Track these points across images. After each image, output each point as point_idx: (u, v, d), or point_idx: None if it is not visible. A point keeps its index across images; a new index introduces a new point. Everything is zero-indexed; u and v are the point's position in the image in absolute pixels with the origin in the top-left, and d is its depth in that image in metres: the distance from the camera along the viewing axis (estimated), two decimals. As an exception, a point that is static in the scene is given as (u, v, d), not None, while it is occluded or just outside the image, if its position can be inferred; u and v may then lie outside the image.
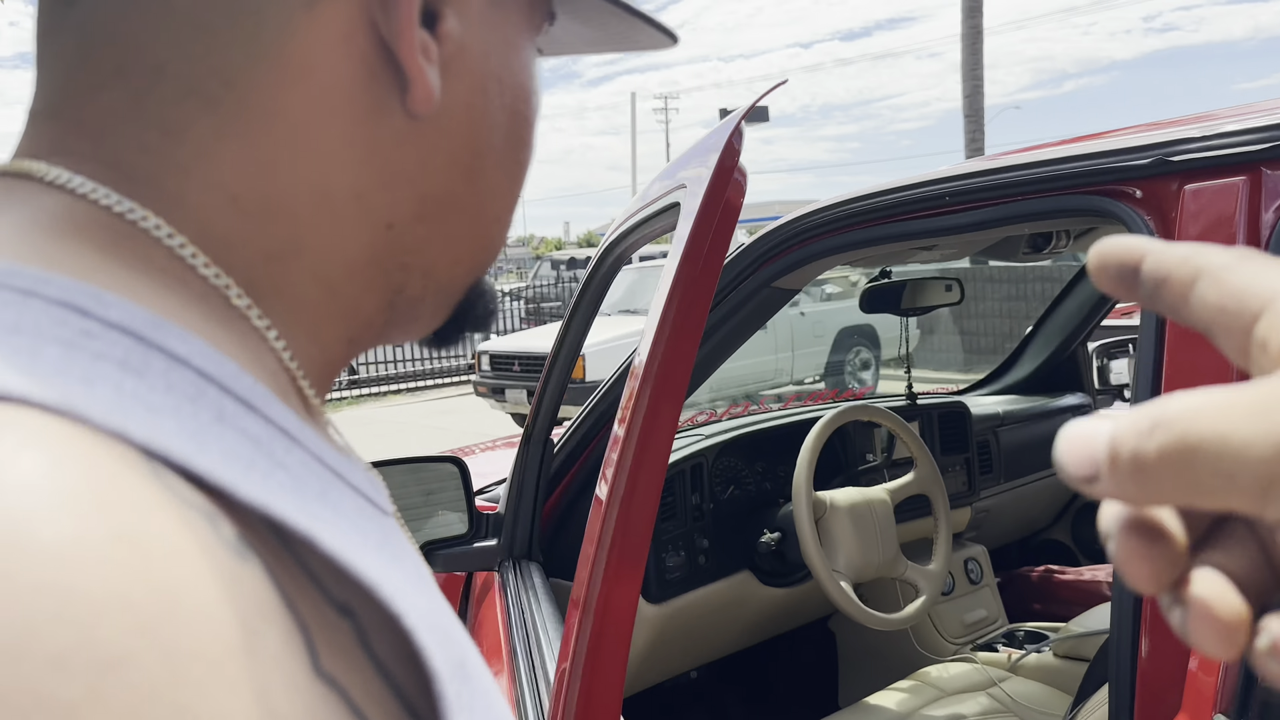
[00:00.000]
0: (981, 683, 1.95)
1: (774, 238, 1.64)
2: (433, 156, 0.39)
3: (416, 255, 0.40)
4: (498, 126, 0.41)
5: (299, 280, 0.37)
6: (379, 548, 0.33)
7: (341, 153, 0.36)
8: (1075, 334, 2.79)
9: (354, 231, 0.38)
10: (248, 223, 0.35)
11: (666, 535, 1.89)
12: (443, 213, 0.40)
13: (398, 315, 0.42)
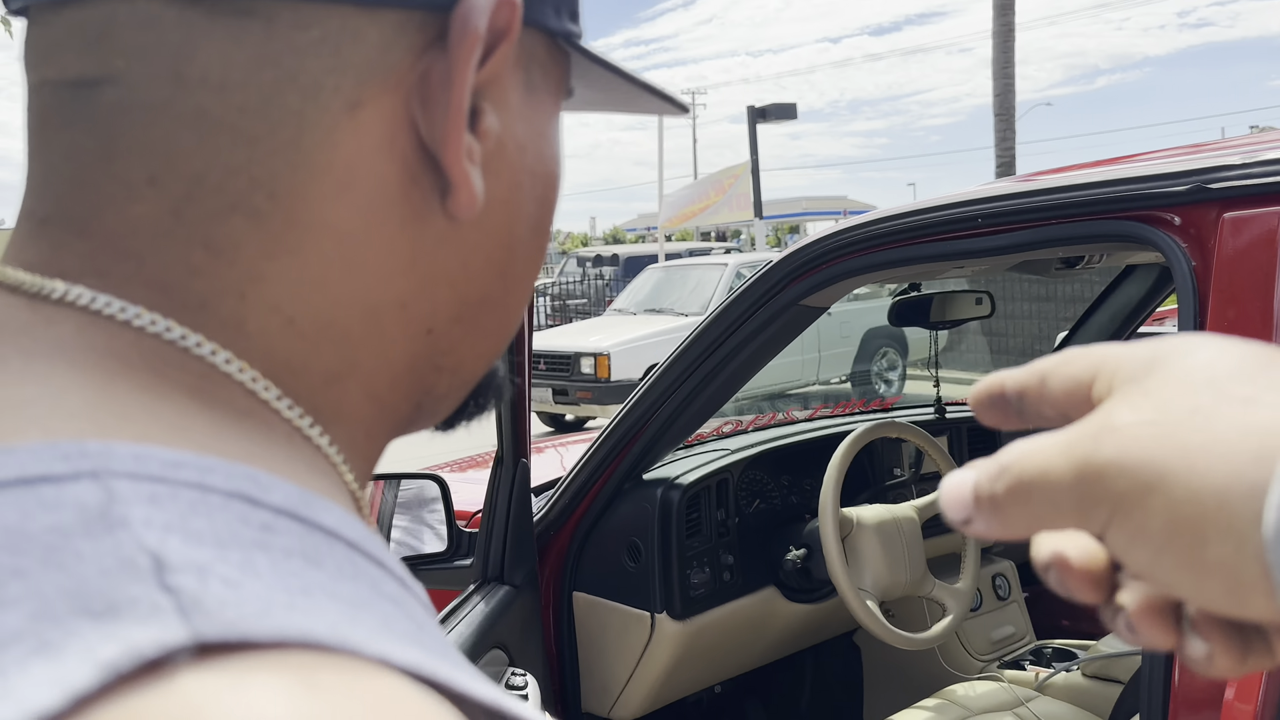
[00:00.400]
0: (1008, 702, 1.93)
1: (803, 255, 1.63)
2: (473, 258, 0.38)
3: (449, 356, 0.39)
4: (528, 219, 0.40)
5: (355, 400, 0.36)
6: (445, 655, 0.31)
7: (387, 263, 0.35)
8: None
9: (399, 342, 0.37)
10: (306, 346, 0.34)
11: (691, 552, 1.89)
12: (478, 312, 0.39)
13: (422, 414, 0.41)
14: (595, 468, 1.91)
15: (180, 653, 0.22)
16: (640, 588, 1.87)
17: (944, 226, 1.46)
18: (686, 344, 1.81)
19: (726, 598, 1.94)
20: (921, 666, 2.26)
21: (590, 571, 1.95)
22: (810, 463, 2.16)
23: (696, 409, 1.86)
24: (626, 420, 1.88)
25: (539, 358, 9.20)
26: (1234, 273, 1.15)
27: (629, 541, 1.90)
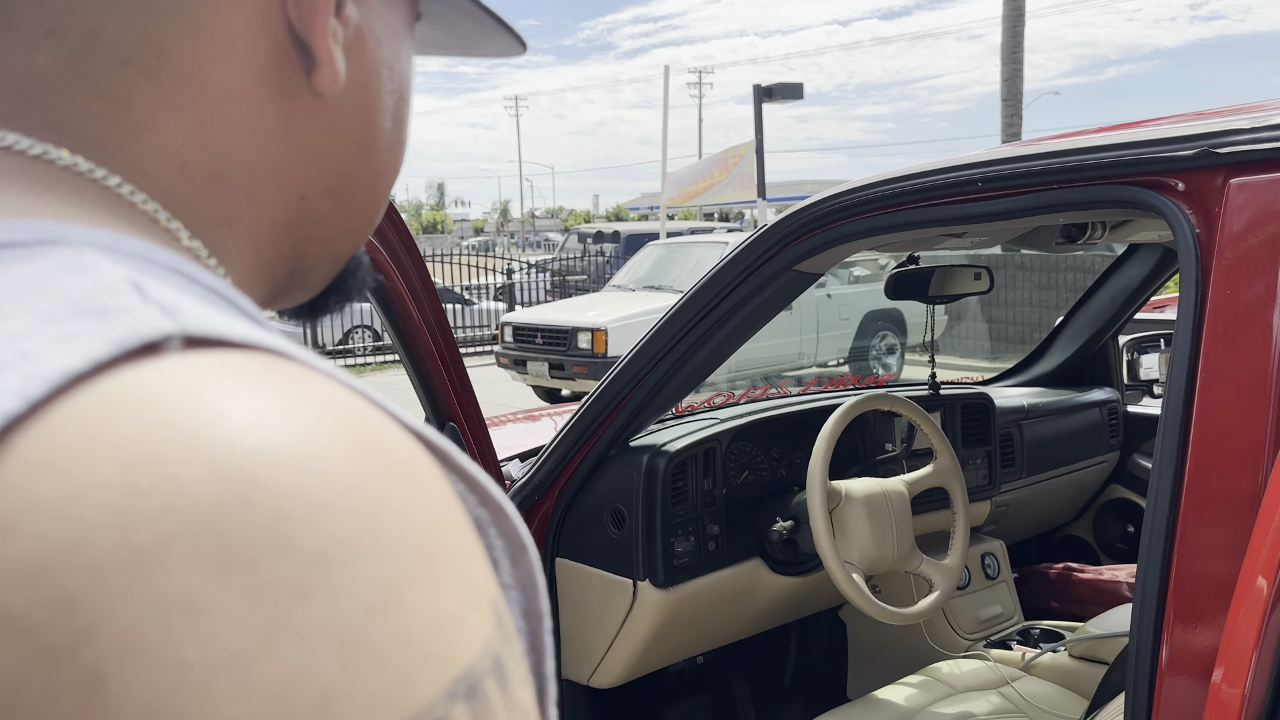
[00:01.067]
0: (993, 681, 1.91)
1: (798, 219, 1.59)
2: (337, 133, 0.43)
3: (320, 227, 0.44)
4: (388, 109, 0.45)
5: (241, 246, 0.41)
6: None
7: (262, 126, 0.40)
8: (1107, 327, 2.72)
9: (276, 203, 0.42)
10: (197, 190, 0.39)
11: (676, 520, 1.86)
12: (344, 188, 0.44)
13: (294, 282, 0.46)
14: (581, 433, 1.88)
15: (172, 340, 0.27)
16: (623, 555, 1.84)
17: (942, 190, 1.42)
18: (677, 309, 1.77)
19: (711, 567, 1.91)
20: (907, 644, 2.24)
21: (573, 538, 1.92)
22: (801, 436, 2.12)
23: (685, 375, 1.82)
24: (614, 385, 1.85)
25: (536, 332, 9.17)
26: (1239, 240, 1.12)
27: (613, 508, 1.87)
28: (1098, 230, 1.89)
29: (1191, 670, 1.05)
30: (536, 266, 15.09)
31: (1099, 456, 2.71)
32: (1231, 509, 1.02)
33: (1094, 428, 2.70)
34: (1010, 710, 1.83)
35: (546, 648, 0.34)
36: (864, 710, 1.80)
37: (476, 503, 0.32)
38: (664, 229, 13.69)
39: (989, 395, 2.46)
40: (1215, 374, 1.06)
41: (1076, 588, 2.41)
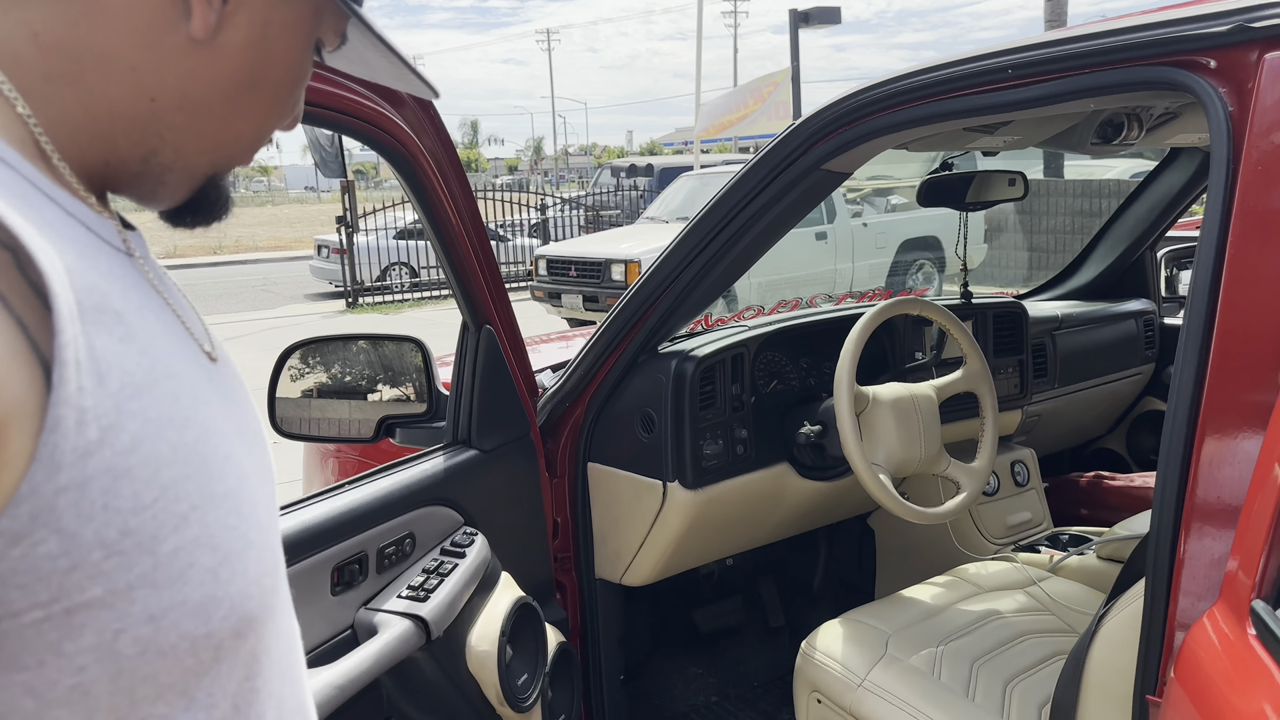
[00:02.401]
0: (1020, 581, 1.93)
1: (826, 116, 1.58)
2: (200, 71, 0.56)
3: (172, 132, 0.56)
4: (256, 82, 0.58)
5: (67, 101, 0.53)
6: (75, 251, 0.47)
7: (130, 37, 0.53)
8: (1144, 237, 2.68)
9: (121, 90, 0.54)
10: (35, 52, 0.51)
11: (704, 423, 1.88)
12: (198, 112, 0.57)
13: (149, 170, 0.57)
14: (610, 341, 1.90)
15: None
16: (653, 457, 1.87)
17: (973, 79, 1.40)
18: (704, 213, 1.77)
19: (739, 470, 1.94)
20: (935, 548, 2.26)
21: (604, 443, 1.95)
22: (830, 345, 2.13)
23: (713, 280, 1.83)
24: (642, 291, 1.86)
25: (569, 264, 9.17)
26: (1274, 118, 1.10)
27: (643, 413, 1.89)
28: (1134, 129, 1.85)
29: (1209, 553, 1.06)
30: (570, 202, 15.03)
31: (1134, 368, 2.69)
32: (1251, 409, 1.02)
33: (1129, 339, 2.68)
34: (1037, 608, 1.85)
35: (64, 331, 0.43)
36: (890, 607, 1.83)
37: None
38: (698, 161, 13.55)
39: (1022, 305, 2.44)
40: (1238, 280, 1.05)
41: (1107, 495, 2.42)
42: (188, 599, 0.48)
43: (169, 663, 0.47)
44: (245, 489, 0.53)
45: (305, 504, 1.45)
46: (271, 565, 0.55)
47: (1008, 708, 1.59)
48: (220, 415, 0.54)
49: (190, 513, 0.48)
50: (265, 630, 0.54)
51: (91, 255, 0.49)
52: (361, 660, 1.33)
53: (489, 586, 1.63)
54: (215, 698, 0.51)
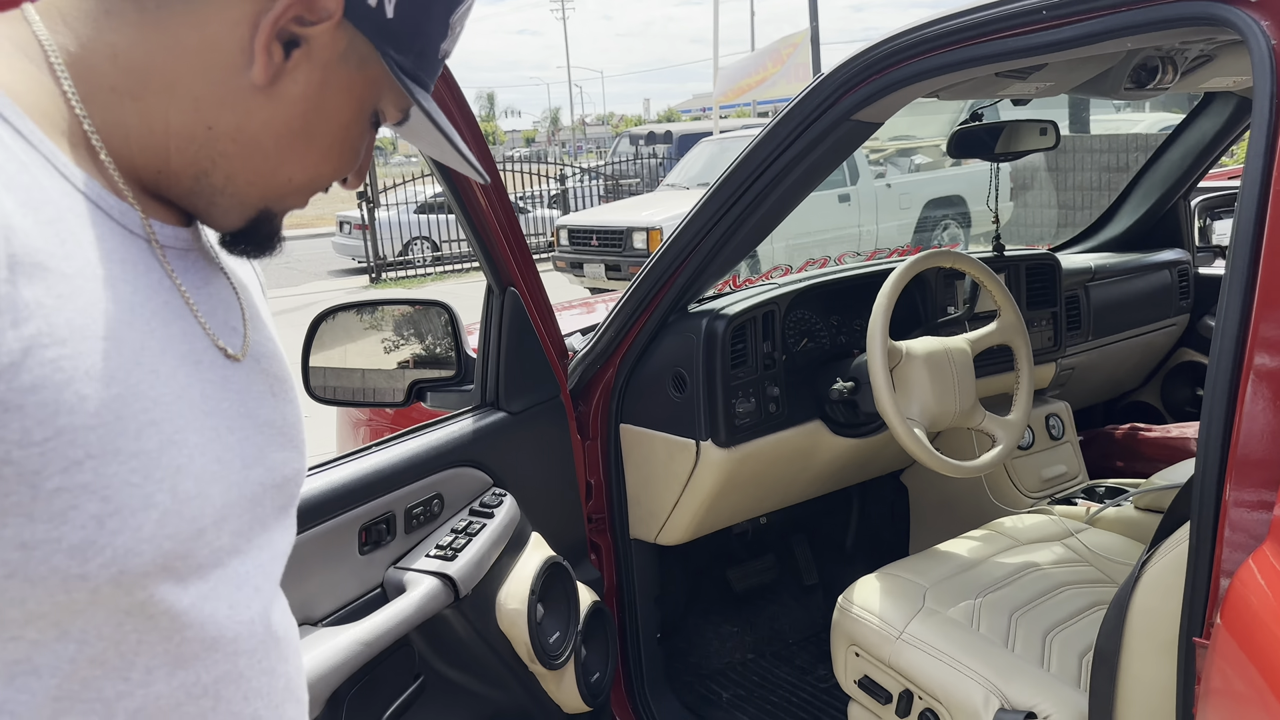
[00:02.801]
0: (1057, 533, 1.92)
1: (855, 65, 1.56)
2: (257, 112, 0.62)
3: (224, 159, 0.63)
4: (309, 132, 0.65)
5: (127, 111, 0.61)
6: (45, 219, 0.53)
7: (199, 73, 0.60)
8: (1178, 185, 2.63)
9: (181, 114, 0.61)
10: (111, 68, 0.60)
11: (736, 381, 1.87)
12: (250, 147, 0.63)
13: (201, 188, 0.64)
14: (640, 301, 1.89)
15: None
16: (685, 417, 1.87)
17: (1006, 22, 1.37)
18: (732, 168, 1.75)
19: (771, 428, 1.93)
20: (969, 504, 2.25)
21: (636, 403, 1.95)
22: (860, 302, 2.11)
23: (743, 236, 1.81)
24: (671, 251, 1.85)
25: (591, 234, 9.15)
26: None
27: (674, 372, 1.89)
28: (1168, 73, 1.81)
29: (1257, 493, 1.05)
30: (589, 172, 14.97)
31: (1168, 319, 2.66)
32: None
33: (1163, 290, 2.64)
34: (1074, 560, 1.84)
35: None
36: (926, 561, 1.83)
37: None
38: (717, 126, 13.45)
39: (1055, 257, 2.41)
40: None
41: (1143, 446, 2.39)
42: (64, 537, 0.51)
43: (38, 592, 0.51)
44: (170, 457, 0.56)
45: (331, 465, 1.46)
46: (188, 535, 0.57)
47: (1048, 657, 1.58)
48: (184, 396, 0.59)
49: (85, 460, 0.52)
50: (164, 591, 0.56)
51: (74, 224, 0.55)
52: (389, 618, 1.34)
53: (519, 546, 1.64)
54: (89, 635, 0.54)
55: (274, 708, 0.66)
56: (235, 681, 0.62)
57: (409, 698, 1.45)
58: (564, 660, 1.63)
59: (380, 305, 1.88)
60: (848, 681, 1.72)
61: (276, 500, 0.69)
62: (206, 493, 0.59)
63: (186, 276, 0.65)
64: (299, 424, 0.73)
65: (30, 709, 0.53)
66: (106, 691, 0.55)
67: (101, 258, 0.56)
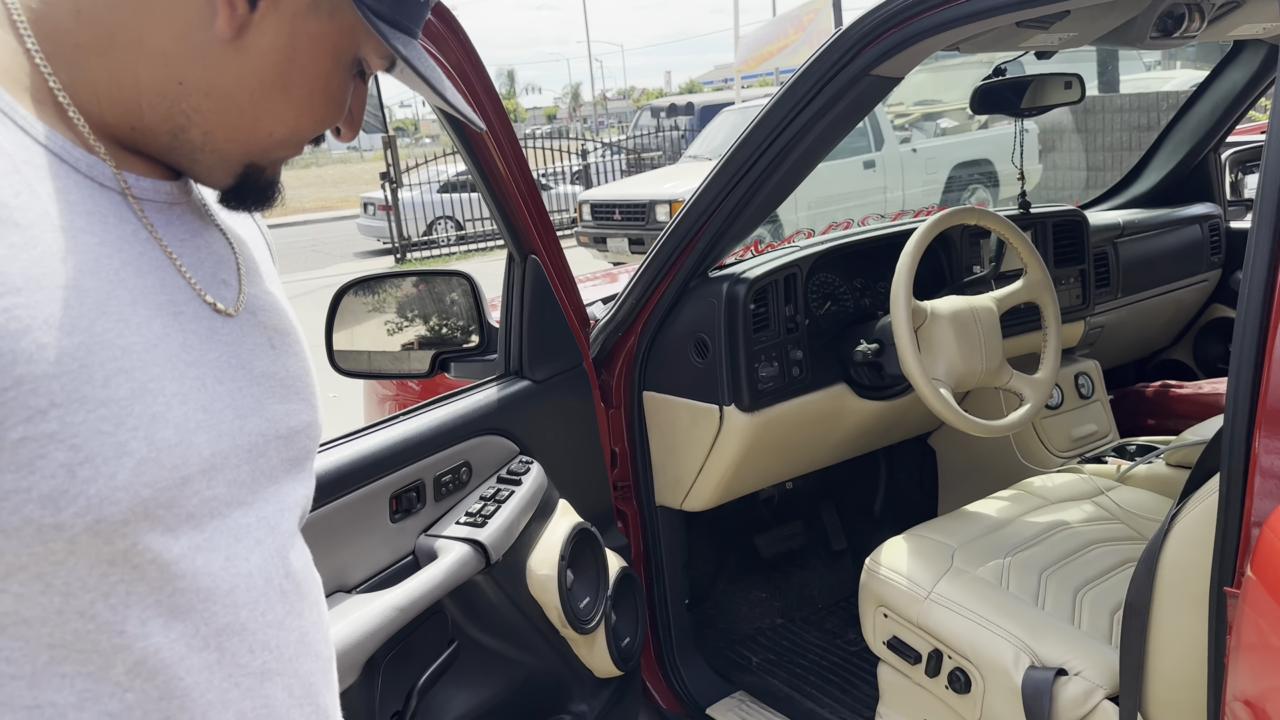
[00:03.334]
0: (1087, 491, 1.90)
1: (873, 19, 1.53)
2: (227, 66, 0.61)
3: (199, 115, 0.62)
4: (284, 85, 0.63)
5: (94, 67, 0.60)
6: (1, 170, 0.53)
7: (165, 27, 0.59)
8: (1208, 138, 2.58)
9: (150, 69, 0.60)
10: (74, 24, 0.59)
11: (759, 346, 1.86)
12: (224, 102, 0.62)
13: (179, 144, 0.64)
14: (660, 267, 1.88)
15: None
16: (708, 382, 1.86)
17: (1025, -31, 1.35)
18: (751, 128, 1.73)
19: (795, 392, 1.92)
20: (998, 465, 2.23)
21: (659, 370, 1.94)
22: (883, 264, 2.09)
23: (763, 198, 1.80)
24: (690, 215, 1.84)
25: (613, 207, 9.12)
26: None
27: (696, 338, 1.88)
28: (1195, 20, 1.77)
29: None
30: (611, 147, 14.90)
31: (1199, 275, 2.61)
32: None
33: (1194, 245, 2.60)
34: (1105, 518, 1.82)
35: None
36: (954, 521, 1.82)
37: None
38: (739, 95, 13.34)
39: (1082, 213, 2.37)
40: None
41: (1174, 403, 2.36)
42: (34, 487, 0.51)
43: (15, 544, 0.51)
44: (144, 405, 0.56)
45: (360, 434, 1.47)
46: (170, 483, 0.57)
47: (1078, 614, 1.57)
48: (161, 346, 0.58)
49: (49, 409, 0.51)
50: (150, 540, 0.56)
51: (31, 176, 0.55)
52: (421, 584, 1.36)
53: (547, 513, 1.65)
54: (73, 587, 0.54)
55: (285, 661, 0.66)
56: (238, 634, 0.62)
57: (444, 662, 1.46)
58: (595, 625, 1.64)
59: (403, 277, 1.89)
60: (876, 643, 1.72)
61: (284, 452, 0.68)
62: (190, 441, 0.59)
63: (169, 229, 0.64)
64: (306, 376, 0.72)
65: (25, 655, 0.53)
66: (102, 644, 0.55)
67: (62, 209, 0.56)
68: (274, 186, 0.69)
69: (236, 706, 0.62)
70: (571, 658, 1.68)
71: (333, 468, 1.37)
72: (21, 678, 0.53)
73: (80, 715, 0.55)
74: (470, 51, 1.52)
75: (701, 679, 2.06)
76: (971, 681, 1.53)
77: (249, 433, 0.64)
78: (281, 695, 0.65)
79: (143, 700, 0.57)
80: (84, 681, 0.55)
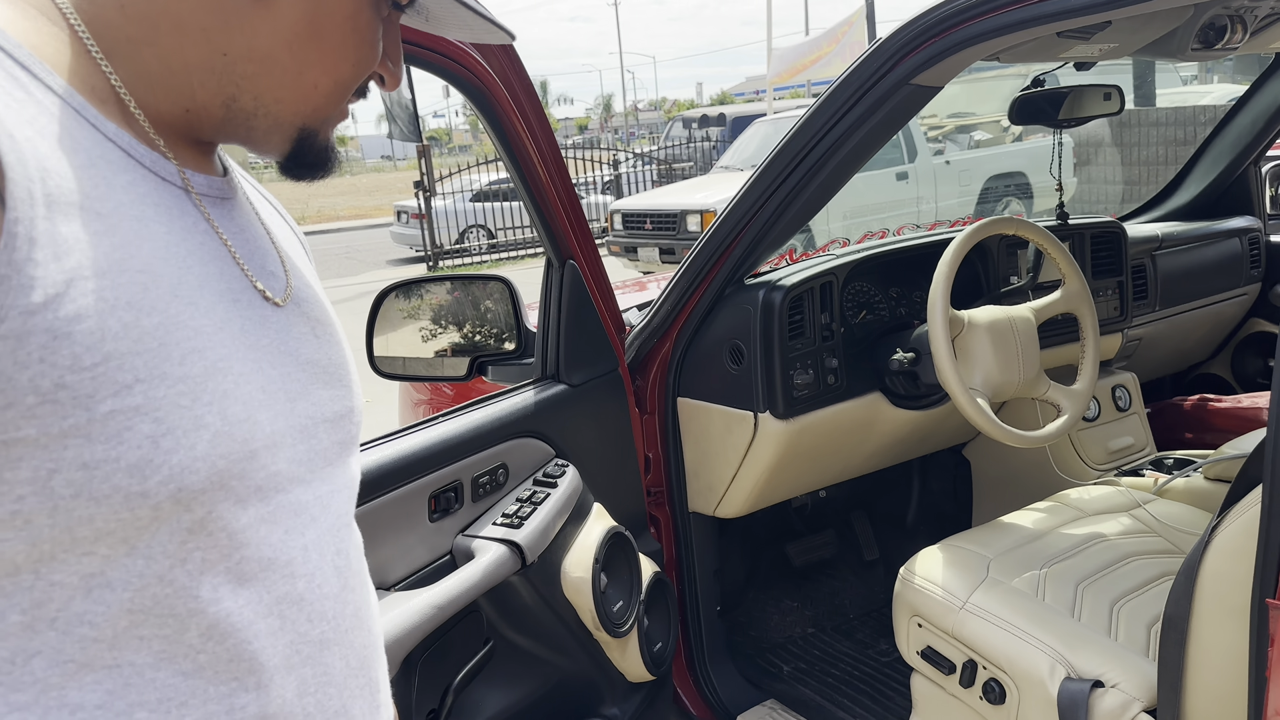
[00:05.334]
0: (1124, 504, 1.89)
1: (914, 27, 1.54)
2: (261, 26, 0.63)
3: (247, 80, 0.65)
4: (318, 33, 0.65)
5: (146, 58, 0.62)
6: (79, 162, 0.56)
7: (200, 4, 0.62)
8: (1248, 151, 2.56)
9: (195, 48, 0.63)
10: (122, 19, 0.61)
11: (794, 353, 1.87)
12: (267, 62, 0.65)
13: (233, 115, 0.66)
14: (696, 273, 1.89)
15: None
16: (743, 389, 1.87)
17: (1068, -22, 1.35)
18: (789, 136, 1.74)
19: (830, 400, 1.92)
20: (1034, 477, 2.22)
21: (693, 377, 1.95)
22: (920, 274, 2.09)
23: (800, 206, 1.80)
24: (727, 223, 1.84)
25: (645, 217, 9.15)
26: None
27: (731, 344, 1.89)
28: (1237, 32, 1.76)
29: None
30: (642, 157, 14.95)
31: (1239, 289, 2.59)
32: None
33: (1233, 258, 2.57)
34: (1142, 531, 1.81)
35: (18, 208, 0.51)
36: (990, 532, 1.81)
37: None
38: (771, 107, 13.34)
39: (1121, 225, 2.36)
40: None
41: (1213, 417, 2.34)
42: (122, 457, 0.54)
43: (104, 510, 0.55)
44: (216, 383, 0.59)
45: (401, 434, 1.49)
46: (241, 455, 0.60)
47: (1115, 627, 1.56)
48: (225, 329, 0.62)
49: (135, 384, 0.55)
50: (223, 509, 0.60)
51: (106, 170, 0.58)
52: (459, 583, 1.37)
53: (581, 516, 1.66)
54: (155, 552, 0.57)
55: (341, 633, 0.69)
56: (297, 603, 0.65)
57: (479, 662, 1.48)
58: (628, 629, 1.64)
59: (442, 281, 1.92)
60: (910, 653, 1.71)
61: (333, 435, 0.72)
62: (255, 418, 0.62)
63: (224, 223, 0.67)
64: (345, 364, 0.76)
65: (107, 619, 0.56)
66: (178, 608, 0.58)
67: (134, 200, 0.59)
68: (330, 151, 0.72)
69: (298, 672, 0.65)
70: (604, 661, 1.69)
71: (374, 467, 1.39)
72: (103, 640, 0.56)
73: (156, 675, 0.58)
74: (514, 59, 1.54)
75: (732, 686, 2.06)
76: (1006, 692, 1.52)
77: (300, 415, 0.68)
78: (339, 664, 0.69)
79: (214, 661, 0.60)
80: (160, 644, 0.58)
